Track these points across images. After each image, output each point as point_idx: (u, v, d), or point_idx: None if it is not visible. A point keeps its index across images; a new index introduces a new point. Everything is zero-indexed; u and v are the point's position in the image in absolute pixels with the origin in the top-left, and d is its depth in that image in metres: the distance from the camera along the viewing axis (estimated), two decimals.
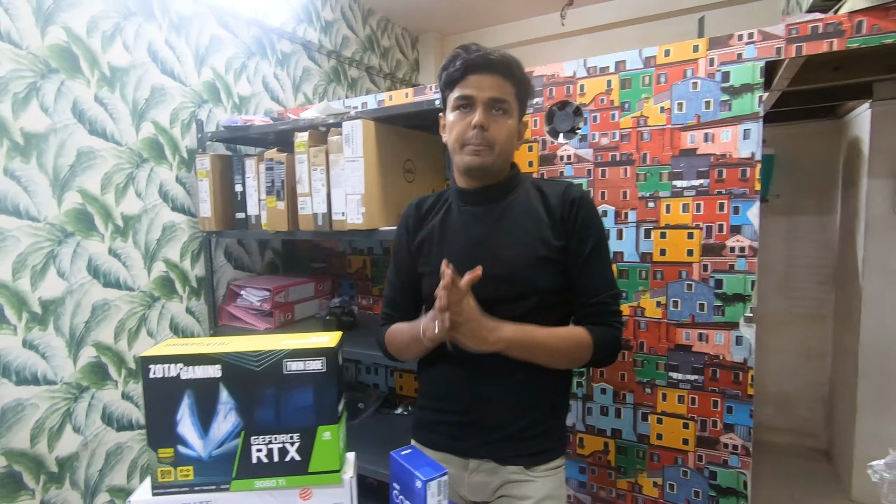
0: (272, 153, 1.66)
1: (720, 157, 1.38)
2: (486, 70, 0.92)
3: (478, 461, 0.99)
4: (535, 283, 0.94)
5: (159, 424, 0.68)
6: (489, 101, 0.92)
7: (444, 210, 1.04)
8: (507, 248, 0.95)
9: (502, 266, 0.94)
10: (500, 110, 0.93)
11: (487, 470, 0.98)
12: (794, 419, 2.64)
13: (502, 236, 0.96)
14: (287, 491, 0.70)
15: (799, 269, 2.58)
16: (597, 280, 0.96)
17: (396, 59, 3.04)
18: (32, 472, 1.43)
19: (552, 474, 0.99)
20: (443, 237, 1.01)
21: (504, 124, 0.94)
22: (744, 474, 1.41)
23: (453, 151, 0.98)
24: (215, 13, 1.97)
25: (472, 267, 0.94)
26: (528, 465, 0.97)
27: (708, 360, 1.43)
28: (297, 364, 0.68)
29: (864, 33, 1.21)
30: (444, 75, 0.96)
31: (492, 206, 0.99)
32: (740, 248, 1.38)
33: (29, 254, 1.42)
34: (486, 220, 0.98)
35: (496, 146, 0.93)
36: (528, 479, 0.97)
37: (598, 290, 0.96)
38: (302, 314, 1.99)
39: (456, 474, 1.01)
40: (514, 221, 0.97)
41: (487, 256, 0.95)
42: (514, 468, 0.97)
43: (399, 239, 1.10)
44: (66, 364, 1.51)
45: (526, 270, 0.94)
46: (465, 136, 0.93)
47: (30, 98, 1.42)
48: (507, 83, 0.93)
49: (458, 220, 1.01)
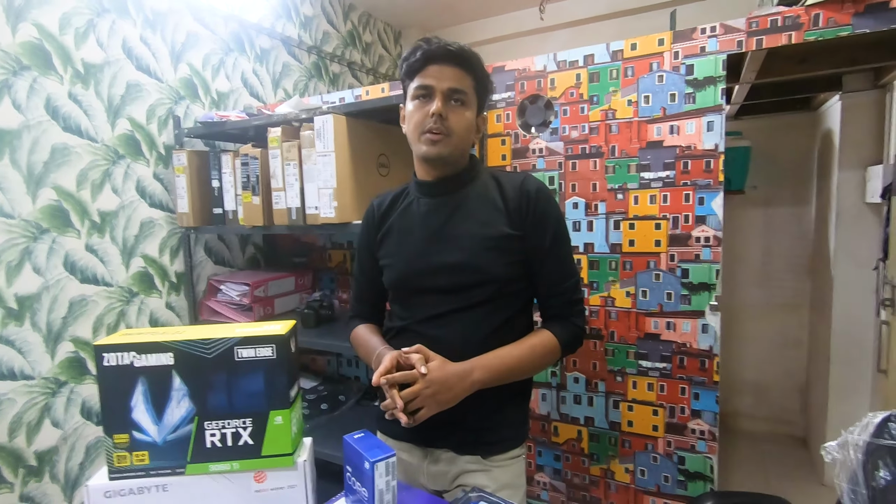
0: (247, 148, 1.67)
1: (685, 149, 1.41)
2: (446, 61, 0.93)
3: (437, 451, 1.01)
4: (490, 271, 0.95)
5: (114, 411, 0.70)
6: (448, 90, 0.93)
7: (404, 203, 1.06)
8: (461, 237, 0.97)
9: (456, 254, 0.95)
10: (458, 101, 0.94)
11: (446, 459, 1.00)
12: (772, 407, 2.69)
13: (457, 226, 0.98)
14: (242, 474, 0.73)
15: (776, 260, 2.62)
16: (559, 270, 0.99)
17: (379, 54, 3.05)
18: (11, 465, 1.45)
19: (510, 464, 1.01)
20: (401, 229, 1.03)
21: (462, 115, 0.95)
22: (710, 459, 1.44)
23: (412, 141, 0.98)
24: (191, 9, 1.97)
25: (429, 256, 0.96)
26: (484, 454, 0.99)
27: (675, 348, 1.46)
28: (248, 351, 0.70)
29: (821, 26, 1.24)
30: (404, 65, 0.97)
31: (449, 197, 1.00)
32: (705, 237, 1.41)
33: (3, 250, 1.43)
34: (443, 210, 1.00)
35: (453, 136, 0.94)
36: (485, 469, 0.98)
37: (560, 280, 0.99)
38: (282, 308, 2.01)
39: (416, 463, 1.03)
40: (469, 211, 0.98)
41: (442, 246, 0.97)
42: (470, 458, 0.99)
43: (361, 236, 1.13)
44: (43, 359, 1.52)
45: (479, 258, 0.95)
46: (424, 125, 0.94)
47: (1, 95, 1.42)
48: (467, 75, 0.95)
49: (417, 212, 1.02)
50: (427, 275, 0.96)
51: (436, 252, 0.96)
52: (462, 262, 0.95)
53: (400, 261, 1.01)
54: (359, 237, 1.14)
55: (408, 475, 1.06)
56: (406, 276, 1.01)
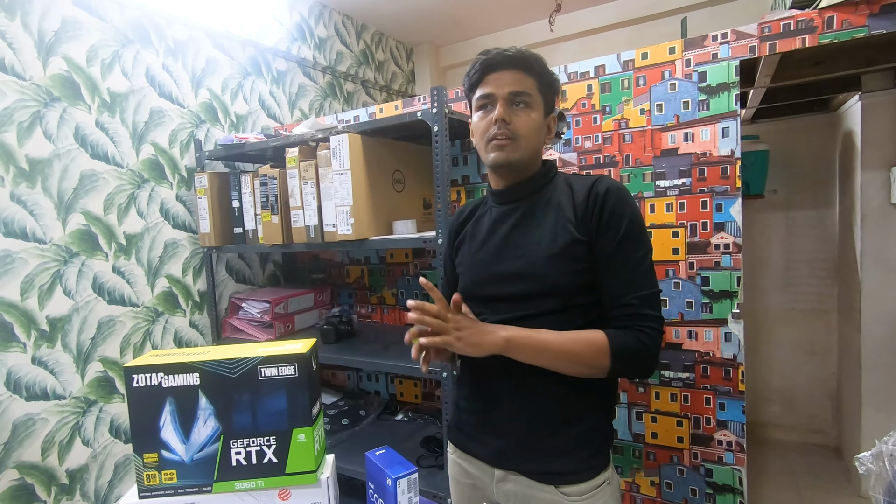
0: (265, 169, 1.71)
1: (701, 156, 1.40)
2: (504, 66, 0.91)
3: (503, 472, 0.95)
4: (553, 280, 0.89)
5: (143, 431, 0.72)
6: (508, 95, 0.90)
7: (481, 212, 1.06)
8: (526, 245, 0.93)
9: (519, 263, 0.93)
10: (521, 104, 0.91)
11: (515, 481, 0.94)
12: (802, 416, 2.61)
13: (524, 233, 0.95)
14: (266, 491, 0.74)
15: (799, 264, 2.56)
16: (623, 278, 0.88)
17: (392, 71, 3.10)
18: (44, 484, 1.49)
19: (590, 496, 0.90)
20: (473, 237, 1.03)
21: (527, 117, 0.92)
22: (738, 471, 1.41)
23: (481, 151, 0.96)
24: (210, 36, 2.04)
25: (495, 265, 0.96)
26: (557, 483, 0.90)
27: (698, 357, 1.43)
28: (271, 370, 0.72)
29: (835, 29, 1.23)
30: (466, 81, 0.96)
31: (519, 204, 0.97)
32: (724, 244, 1.39)
33: (36, 274, 1.49)
34: (512, 217, 0.97)
35: (520, 139, 0.91)
36: (560, 501, 0.90)
37: (622, 291, 0.87)
38: (302, 324, 2.03)
39: (485, 479, 0.98)
40: (538, 218, 0.95)
41: (508, 254, 0.95)
42: (542, 486, 0.91)
43: (445, 243, 1.18)
44: (74, 379, 1.57)
45: (541, 267, 0.90)
46: (489, 133, 0.92)
47: (34, 126, 1.49)
48: (527, 77, 0.92)
49: (489, 221, 1.02)
50: (492, 283, 0.95)
51: (501, 260, 0.94)
52: (523, 271, 0.92)
53: (469, 269, 1.01)
54: (444, 244, 1.19)
55: (476, 490, 1.01)
56: (473, 285, 1.00)
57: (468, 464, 1.01)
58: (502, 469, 0.95)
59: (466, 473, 1.02)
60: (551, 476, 0.90)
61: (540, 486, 0.91)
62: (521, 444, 0.93)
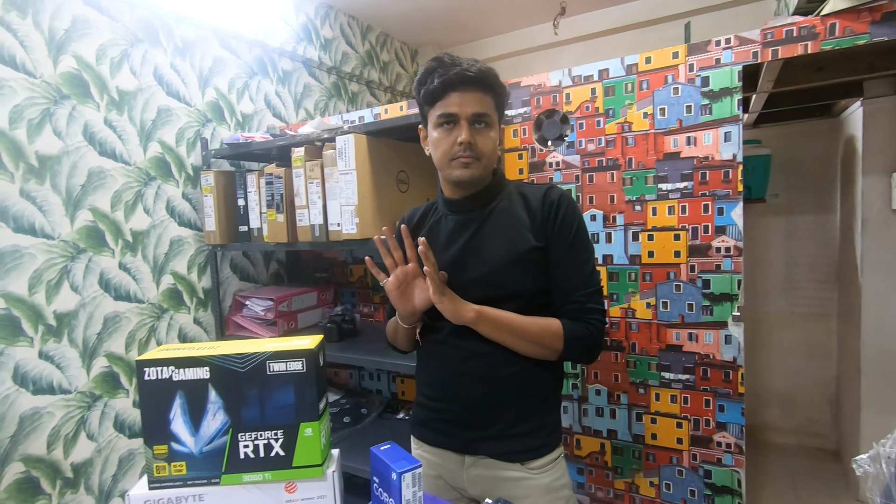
0: (271, 168, 1.73)
1: (703, 160, 1.41)
2: (466, 86, 0.93)
3: (473, 457, 1.01)
4: (515, 285, 0.97)
5: (154, 423, 0.73)
6: (472, 116, 0.94)
7: (433, 219, 1.09)
8: (487, 251, 0.98)
9: (483, 269, 0.98)
10: (482, 124, 0.96)
11: (484, 465, 1.01)
12: (801, 419, 2.62)
13: (484, 241, 1.00)
14: (273, 484, 0.75)
15: (800, 269, 2.57)
16: (571, 278, 0.97)
17: (396, 72, 3.12)
18: (49, 477, 1.50)
19: (550, 467, 1.01)
20: (432, 244, 1.05)
21: (488, 136, 0.97)
22: (738, 472, 1.42)
23: (441, 167, 1.00)
24: (218, 36, 2.06)
25: (457, 272, 0.99)
26: (523, 460, 0.99)
27: (698, 359, 1.45)
28: (279, 365, 0.73)
29: (838, 35, 1.24)
30: (422, 91, 0.97)
31: (476, 213, 1.02)
32: (726, 248, 1.40)
33: (44, 270, 1.50)
34: (471, 226, 1.02)
35: (483, 158, 0.96)
36: (526, 476, 0.99)
37: (572, 288, 0.97)
38: (305, 323, 2.05)
39: (454, 469, 1.04)
40: (495, 226, 1.00)
41: (470, 261, 0.99)
42: (509, 465, 0.99)
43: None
44: (79, 374, 1.59)
45: (505, 272, 0.96)
46: (452, 152, 0.95)
47: (44, 123, 1.51)
48: (487, 96, 0.96)
49: (445, 228, 1.05)
50: (456, 290, 0.97)
51: (464, 268, 0.98)
52: (489, 277, 0.96)
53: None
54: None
55: (447, 480, 1.06)
56: None
57: (435, 456, 1.06)
58: (472, 455, 1.01)
59: (431, 465, 1.07)
60: (519, 454, 0.99)
61: (508, 465, 0.99)
62: (489, 430, 0.99)
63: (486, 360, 0.98)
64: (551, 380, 1.05)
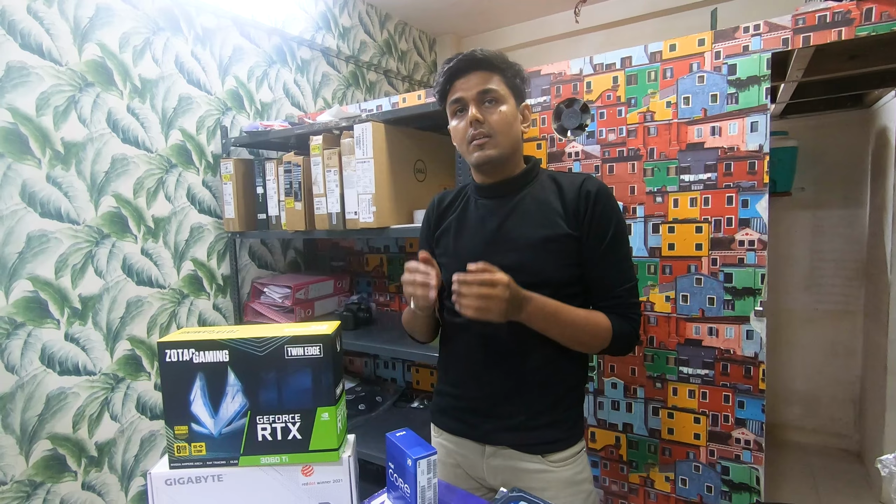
0: (290, 156, 1.74)
1: (728, 151, 1.37)
2: (468, 70, 0.96)
3: (493, 447, 1.01)
4: (546, 273, 0.95)
5: (175, 404, 0.75)
6: (477, 95, 0.95)
7: (463, 204, 1.08)
8: (517, 239, 0.97)
9: (512, 256, 0.96)
10: (490, 101, 0.96)
11: (504, 455, 1.00)
12: (823, 419, 2.56)
13: (514, 228, 0.98)
14: (290, 467, 0.76)
15: (826, 265, 2.50)
16: (613, 273, 0.97)
17: (414, 61, 3.10)
18: (75, 455, 1.55)
19: (572, 461, 1.00)
20: (459, 230, 1.05)
21: (498, 111, 0.96)
22: (756, 469, 1.40)
23: (464, 154, 1.01)
24: (237, 25, 2.07)
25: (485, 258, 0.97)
26: (544, 453, 0.98)
27: (718, 354, 1.42)
28: (297, 350, 0.74)
29: (874, 21, 1.19)
30: (436, 93, 1.02)
31: (506, 199, 1.01)
32: (749, 241, 1.37)
33: (70, 254, 1.54)
34: (500, 212, 1.01)
35: (497, 135, 0.96)
36: (546, 469, 0.98)
37: (614, 284, 0.97)
38: (322, 310, 2.07)
39: (474, 458, 1.04)
40: (526, 213, 0.99)
41: (500, 248, 0.98)
42: (530, 456, 0.98)
43: (422, 231, 1.17)
44: (103, 356, 1.63)
45: (535, 260, 0.95)
46: (467, 135, 0.97)
47: (69, 110, 1.54)
48: (492, 74, 0.96)
49: (475, 214, 1.04)
50: None
51: (492, 253, 0.96)
52: (518, 264, 0.94)
53: (455, 261, 1.02)
54: (420, 233, 1.18)
55: (465, 470, 1.06)
56: None
57: (455, 445, 1.06)
58: (493, 445, 1.01)
59: (450, 453, 1.07)
60: (540, 447, 0.98)
61: (528, 456, 0.98)
62: (510, 420, 0.99)
63: (511, 350, 0.97)
64: (576, 372, 1.04)
